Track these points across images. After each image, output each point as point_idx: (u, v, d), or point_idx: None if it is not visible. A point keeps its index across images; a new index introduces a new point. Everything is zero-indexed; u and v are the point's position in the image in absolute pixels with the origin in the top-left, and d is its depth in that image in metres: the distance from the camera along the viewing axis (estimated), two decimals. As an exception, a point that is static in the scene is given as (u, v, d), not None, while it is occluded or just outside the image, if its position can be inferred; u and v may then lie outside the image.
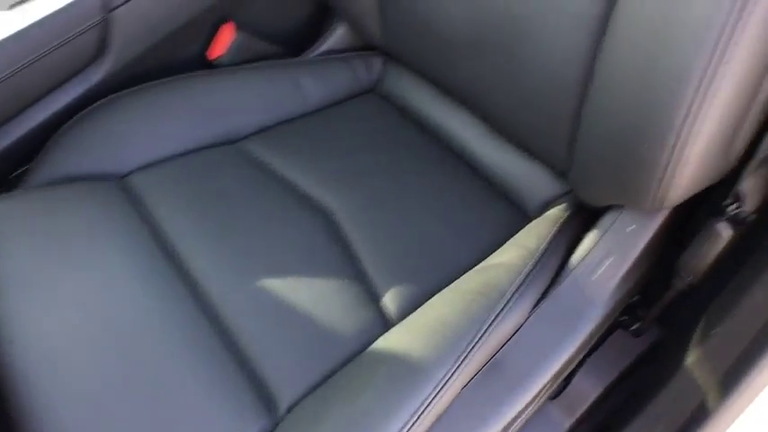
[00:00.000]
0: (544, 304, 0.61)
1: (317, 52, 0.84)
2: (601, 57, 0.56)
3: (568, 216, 0.67)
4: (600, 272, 0.62)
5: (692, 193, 0.56)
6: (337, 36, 0.84)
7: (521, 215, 0.71)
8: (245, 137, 0.75)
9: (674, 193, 0.55)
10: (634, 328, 0.72)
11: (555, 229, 0.65)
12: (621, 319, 0.74)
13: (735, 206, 0.55)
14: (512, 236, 0.67)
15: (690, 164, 0.53)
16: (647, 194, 0.56)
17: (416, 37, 0.73)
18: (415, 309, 0.62)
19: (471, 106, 0.74)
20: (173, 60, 0.79)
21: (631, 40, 0.52)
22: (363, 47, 0.84)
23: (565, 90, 0.60)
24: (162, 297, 0.60)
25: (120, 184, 0.69)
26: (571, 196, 0.69)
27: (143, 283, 0.61)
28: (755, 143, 0.55)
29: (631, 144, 0.55)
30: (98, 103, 0.73)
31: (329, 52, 0.85)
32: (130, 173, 0.70)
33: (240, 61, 0.81)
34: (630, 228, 0.62)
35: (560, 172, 0.68)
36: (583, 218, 0.68)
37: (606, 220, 0.64)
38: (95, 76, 0.74)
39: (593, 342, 0.62)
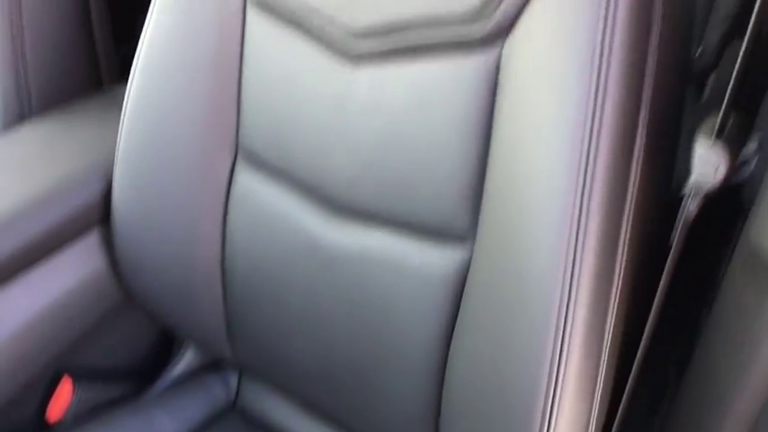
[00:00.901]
0: None
1: (168, 379, 0.81)
2: (445, 394, 0.59)
3: None
4: None
5: None
6: (188, 358, 0.82)
7: None
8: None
9: None
10: None
11: None
12: None
13: None
14: None
15: None
16: None
17: (268, 362, 0.73)
18: None
19: (332, 422, 0.73)
20: (7, 428, 0.72)
21: (469, 384, 0.56)
22: (217, 362, 0.82)
23: (416, 423, 0.62)
24: None
25: None
26: None
27: None
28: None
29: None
30: None
31: (182, 375, 0.82)
32: None
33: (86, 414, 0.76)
34: None
35: None
36: None
37: None
38: None
39: None
